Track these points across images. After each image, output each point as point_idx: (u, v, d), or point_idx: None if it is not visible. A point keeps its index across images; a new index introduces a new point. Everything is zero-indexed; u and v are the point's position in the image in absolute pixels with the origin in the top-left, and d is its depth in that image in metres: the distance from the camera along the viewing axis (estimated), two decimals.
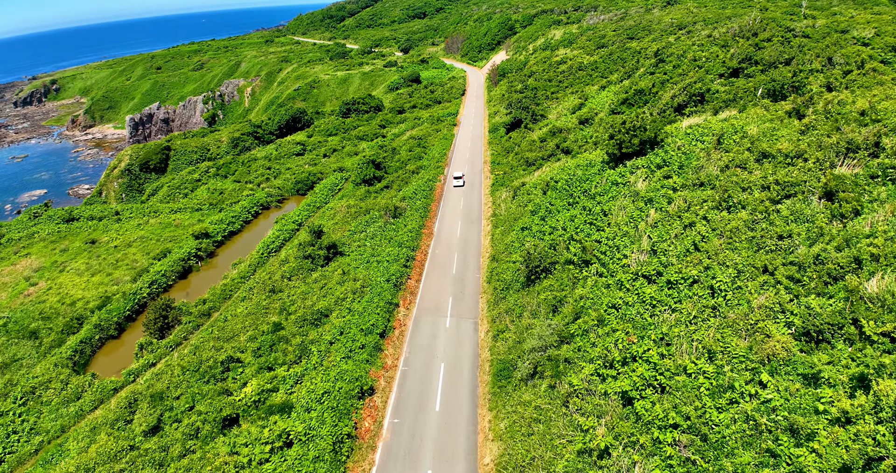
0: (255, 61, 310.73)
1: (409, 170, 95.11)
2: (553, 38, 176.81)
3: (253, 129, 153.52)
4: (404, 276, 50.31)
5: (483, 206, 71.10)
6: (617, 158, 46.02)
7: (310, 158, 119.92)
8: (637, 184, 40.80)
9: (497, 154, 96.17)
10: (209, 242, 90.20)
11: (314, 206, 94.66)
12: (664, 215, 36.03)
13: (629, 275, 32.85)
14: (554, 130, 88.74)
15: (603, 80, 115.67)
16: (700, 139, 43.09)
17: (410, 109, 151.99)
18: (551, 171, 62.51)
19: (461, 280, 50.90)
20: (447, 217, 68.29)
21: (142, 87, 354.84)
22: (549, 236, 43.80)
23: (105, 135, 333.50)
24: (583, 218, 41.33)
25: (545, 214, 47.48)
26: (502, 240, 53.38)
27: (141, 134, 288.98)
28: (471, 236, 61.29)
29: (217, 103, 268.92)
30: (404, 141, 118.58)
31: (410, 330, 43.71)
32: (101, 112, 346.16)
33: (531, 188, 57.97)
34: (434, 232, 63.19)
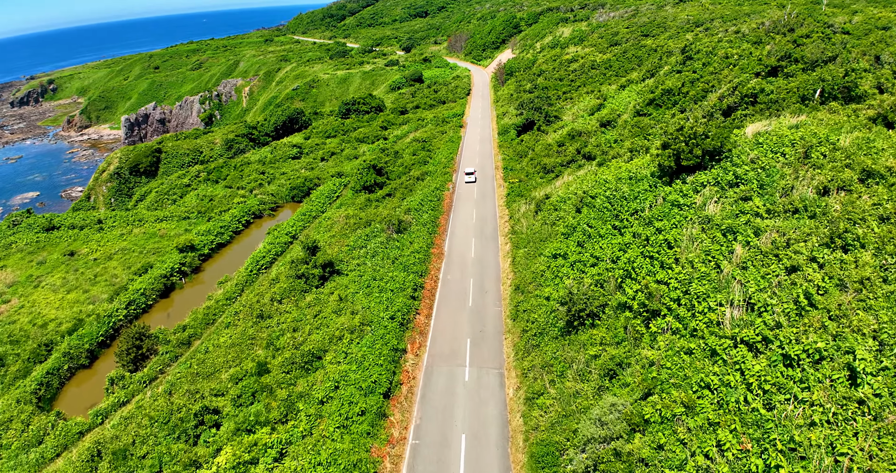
0: (254, 61, 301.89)
1: (413, 176, 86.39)
2: (561, 35, 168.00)
3: (248, 130, 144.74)
4: (412, 311, 41.62)
5: (498, 219, 62.36)
6: (672, 173, 37.31)
7: (306, 162, 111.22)
8: (707, 207, 32.06)
9: (509, 159, 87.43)
10: (194, 255, 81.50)
11: (310, 215, 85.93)
12: (754, 252, 27.35)
13: (722, 339, 24.12)
14: (573, 133, 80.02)
15: (621, 79, 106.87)
16: (776, 150, 34.38)
17: (413, 109, 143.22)
18: (579, 182, 53.79)
19: (479, 315, 42.22)
20: (458, 233, 59.55)
21: (139, 86, 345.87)
22: (592, 268, 35.16)
23: (101, 135, 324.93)
24: (638, 249, 32.65)
25: (583, 238, 38.79)
26: (527, 266, 44.70)
27: (137, 135, 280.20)
28: (487, 256, 52.59)
29: (214, 103, 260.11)
30: (407, 144, 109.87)
31: (421, 386, 35.04)
32: (97, 112, 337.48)
33: (558, 203, 49.24)
34: (444, 252, 54.47)
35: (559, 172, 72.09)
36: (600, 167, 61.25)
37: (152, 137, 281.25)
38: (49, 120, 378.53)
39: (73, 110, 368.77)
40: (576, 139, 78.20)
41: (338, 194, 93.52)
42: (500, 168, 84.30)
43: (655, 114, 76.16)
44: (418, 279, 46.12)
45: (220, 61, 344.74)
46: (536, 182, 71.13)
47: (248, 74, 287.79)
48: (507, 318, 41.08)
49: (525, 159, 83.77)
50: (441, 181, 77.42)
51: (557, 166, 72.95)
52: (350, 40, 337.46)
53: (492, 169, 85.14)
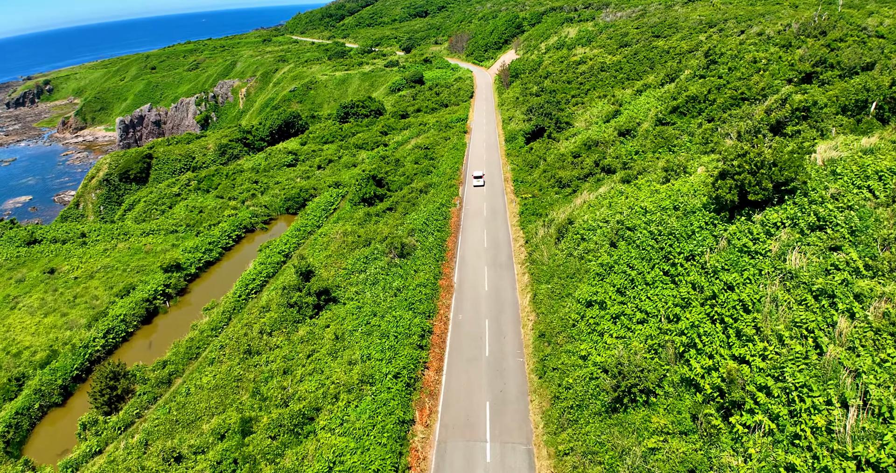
0: (251, 61, 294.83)
1: (416, 188, 79.82)
2: (567, 36, 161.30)
3: (242, 135, 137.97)
4: (419, 365, 35.08)
5: (512, 242, 55.74)
6: (733, 207, 30.77)
7: (302, 171, 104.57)
8: (788, 258, 25.52)
9: (519, 170, 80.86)
10: (180, 276, 74.96)
11: (304, 231, 79.35)
12: (862, 328, 20.83)
13: (839, 459, 17.60)
14: (588, 142, 73.45)
15: (636, 82, 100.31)
16: (859, 184, 27.87)
17: (415, 113, 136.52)
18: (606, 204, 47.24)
19: (499, 368, 35.71)
20: (469, 259, 52.92)
21: (135, 87, 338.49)
22: (640, 326, 28.69)
23: (96, 137, 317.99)
24: (702, 307, 26.16)
25: (624, 283, 32.25)
26: (553, 308, 38.18)
27: (131, 137, 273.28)
28: (503, 289, 46.06)
29: (210, 105, 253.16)
30: (409, 151, 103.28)
31: (434, 469, 28.49)
32: (92, 114, 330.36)
33: (586, 231, 42.66)
34: (454, 283, 47.91)
35: (576, 186, 65.54)
36: (626, 185, 54.75)
37: (147, 139, 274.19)
38: (44, 121, 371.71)
39: (69, 111, 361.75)
40: (592, 150, 71.63)
41: (335, 207, 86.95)
42: (509, 180, 77.71)
43: (680, 123, 69.66)
44: (426, 323, 39.54)
45: (217, 62, 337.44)
46: (552, 198, 64.58)
47: (245, 74, 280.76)
48: (532, 373, 34.57)
49: (537, 171, 77.24)
50: (447, 196, 70.84)
51: (574, 180, 66.41)
52: (349, 40, 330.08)
53: (501, 180, 78.53)
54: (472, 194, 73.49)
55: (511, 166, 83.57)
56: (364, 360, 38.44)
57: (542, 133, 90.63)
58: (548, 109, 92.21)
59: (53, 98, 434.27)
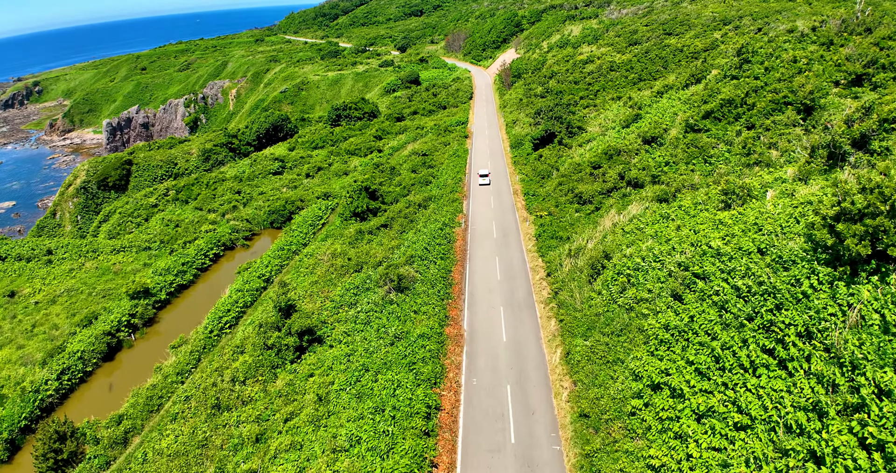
0: (243, 61, 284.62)
1: (413, 201, 70.62)
2: (570, 34, 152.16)
3: (227, 139, 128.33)
4: (425, 465, 25.89)
5: (530, 273, 46.50)
6: (851, 262, 21.71)
7: (289, 179, 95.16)
8: None
9: (529, 180, 71.78)
10: (148, 303, 65.62)
11: (288, 250, 70.03)
12: None
13: None
14: (609, 151, 64.37)
15: (653, 83, 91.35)
16: None
17: (411, 115, 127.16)
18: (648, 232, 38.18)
19: (530, 463, 26.63)
20: (480, 297, 43.64)
21: (124, 88, 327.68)
22: (741, 434, 19.61)
23: (84, 140, 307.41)
24: (843, 422, 17.14)
25: (705, 361, 23.00)
26: (595, 377, 29.10)
27: (119, 140, 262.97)
28: (525, 340, 36.85)
29: (200, 106, 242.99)
30: (405, 158, 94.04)
31: None
32: (80, 116, 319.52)
33: (631, 270, 33.53)
34: (463, 331, 38.66)
35: (599, 203, 56.45)
36: (663, 205, 45.71)
37: (135, 141, 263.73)
38: (33, 123, 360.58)
39: (58, 113, 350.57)
40: (614, 160, 62.55)
41: (323, 222, 77.62)
42: (519, 193, 68.53)
43: (714, 130, 60.60)
44: (432, 395, 30.26)
45: (208, 62, 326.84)
46: (571, 217, 55.48)
47: (236, 75, 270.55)
48: (574, 470, 25.52)
49: (550, 182, 68.16)
50: (449, 212, 61.62)
51: (596, 196, 57.32)
52: (343, 40, 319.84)
53: (509, 193, 69.32)
54: (479, 209, 64.29)
55: (520, 176, 74.46)
56: (353, 443, 29.22)
57: (553, 138, 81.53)
58: (558, 112, 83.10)
59: (43, 100, 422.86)
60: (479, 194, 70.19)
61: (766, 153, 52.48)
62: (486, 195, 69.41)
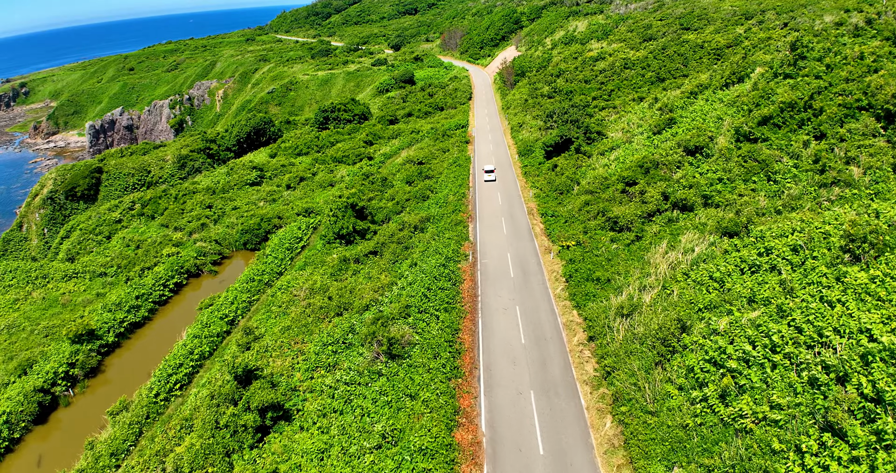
0: (231, 61, 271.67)
1: (408, 222, 58.76)
2: (575, 30, 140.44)
3: (205, 144, 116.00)
4: None
5: (564, 336, 34.53)
6: None
7: (268, 191, 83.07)
8: None
9: (546, 196, 60.05)
10: (91, 349, 53.53)
11: (260, 282, 58.06)
12: None
13: None
14: (645, 162, 52.60)
15: (679, 81, 79.82)
16: None
17: (405, 117, 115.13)
18: (740, 291, 26.67)
19: None
20: (500, 375, 31.45)
21: (110, 89, 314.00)
22: None
23: (68, 143, 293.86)
24: None
25: None
26: None
27: (102, 143, 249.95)
28: (572, 459, 24.99)
29: (185, 108, 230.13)
30: (399, 166, 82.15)
31: None
32: (65, 118, 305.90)
33: (733, 359, 21.90)
34: (481, 439, 26.64)
35: (640, 231, 44.73)
36: (734, 240, 34.16)
37: (119, 145, 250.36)
38: (18, 126, 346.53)
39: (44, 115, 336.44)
40: (652, 174, 50.78)
41: (304, 244, 65.62)
42: (535, 213, 56.67)
43: (774, 139, 48.96)
44: None
45: (197, 62, 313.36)
46: (608, 249, 43.73)
47: (224, 75, 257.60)
48: None
49: (571, 200, 56.38)
50: (453, 241, 49.74)
51: (635, 220, 45.59)
52: (335, 39, 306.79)
53: (523, 212, 57.41)
54: (489, 236, 52.28)
55: (533, 191, 62.68)
56: None
57: (568, 145, 69.79)
58: (573, 114, 71.34)
59: (30, 101, 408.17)
60: (487, 215, 58.25)
61: (845, 170, 41.02)
62: (496, 216, 57.50)
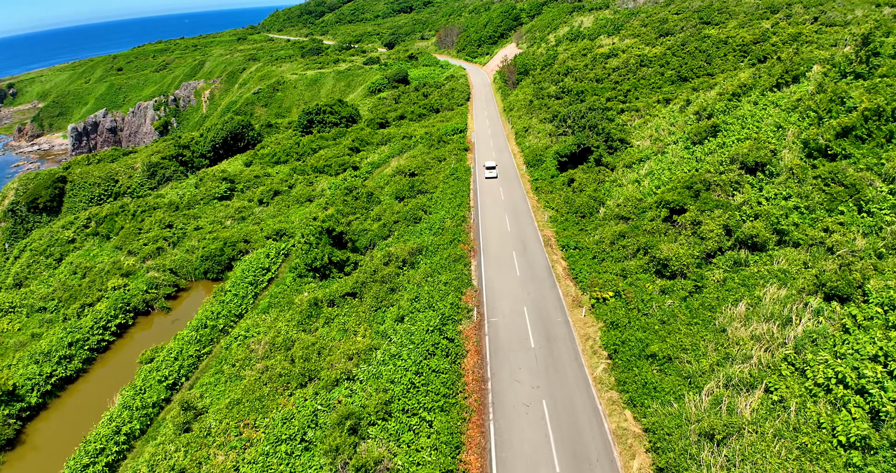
0: (220, 60, 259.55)
1: (396, 254, 47.45)
2: (581, 26, 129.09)
3: (178, 151, 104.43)
4: None
5: (616, 456, 23.43)
6: None
7: (238, 207, 71.63)
8: None
9: (564, 222, 48.77)
10: (9, 414, 42.14)
11: (214, 329, 46.68)
12: None
13: None
14: (692, 184, 41.32)
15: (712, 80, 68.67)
16: None
17: (397, 120, 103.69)
18: None
19: None
20: None
21: (96, 90, 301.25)
22: None
23: (52, 146, 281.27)
24: None
25: None
26: None
27: (85, 146, 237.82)
28: None
29: (171, 109, 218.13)
30: (388, 178, 70.81)
31: None
32: (50, 120, 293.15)
33: None
34: None
35: (700, 279, 33.51)
36: (848, 306, 22.93)
37: (103, 147, 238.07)
38: (3, 128, 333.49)
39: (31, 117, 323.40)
40: (704, 198, 39.54)
41: (272, 276, 54.26)
42: (553, 244, 45.32)
43: (859, 156, 37.73)
44: None
45: (186, 62, 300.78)
46: (660, 305, 32.52)
47: (212, 74, 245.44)
48: None
49: (596, 225, 45.10)
50: (452, 288, 38.36)
51: (691, 263, 34.30)
52: (328, 38, 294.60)
53: (539, 245, 45.93)
54: (498, 282, 40.51)
55: (548, 213, 51.38)
56: None
57: (587, 155, 58.54)
58: (591, 118, 60.05)
59: (18, 102, 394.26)
60: (494, 245, 46.85)
61: None
62: (505, 246, 46.10)
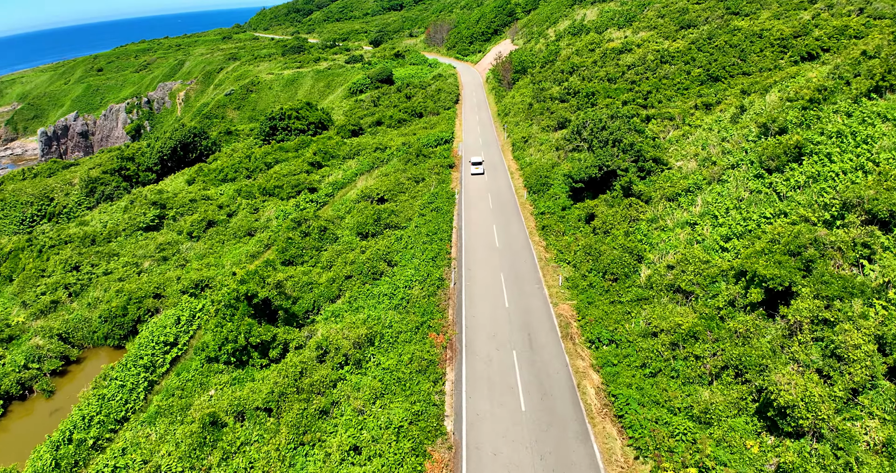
0: (200, 59, 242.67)
1: (340, 347, 31.59)
2: (584, 19, 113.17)
3: (121, 163, 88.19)
4: None
5: None
6: None
7: (162, 243, 55.49)
8: None
9: (586, 289, 32.94)
10: None
11: (83, 446, 30.81)
12: None
13: None
14: (801, 248, 25.41)
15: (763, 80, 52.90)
16: None
17: (373, 126, 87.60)
18: None
19: None
20: None
21: (73, 92, 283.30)
22: None
23: (26, 150, 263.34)
24: None
25: None
26: None
27: (55, 151, 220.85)
28: None
29: (144, 112, 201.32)
30: (350, 205, 54.77)
31: None
32: (24, 123, 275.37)
33: None
34: None
35: (848, 440, 17.12)
36: None
37: (74, 152, 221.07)
38: None
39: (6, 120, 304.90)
40: (818, 274, 23.59)
41: (176, 355, 38.37)
42: (575, 334, 29.26)
43: None
44: None
45: (168, 62, 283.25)
46: None
47: (191, 75, 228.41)
48: None
49: (635, 296, 29.25)
50: (406, 451, 22.49)
51: (830, 416, 18.15)
52: (313, 36, 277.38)
53: (552, 331, 29.93)
54: (490, 422, 24.50)
55: (563, 271, 35.43)
56: None
57: (610, 181, 42.73)
58: (615, 131, 44.27)
59: None
60: (483, 337, 30.59)
61: None
62: (500, 339, 29.77)
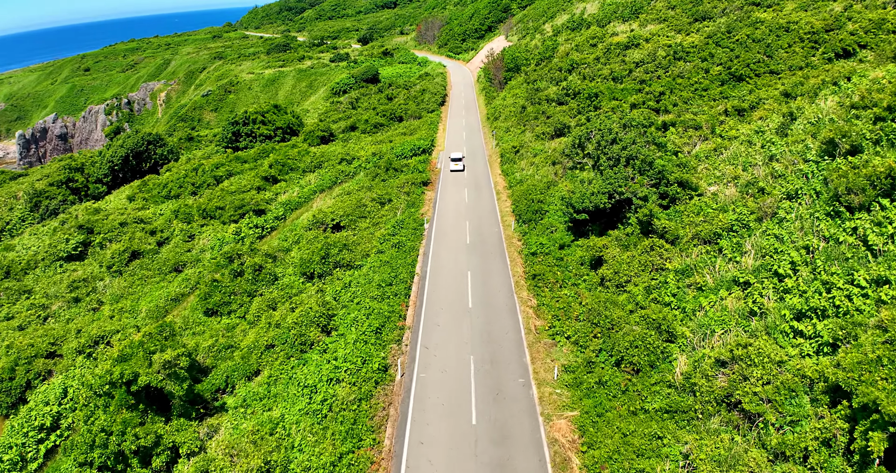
0: (185, 58, 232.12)
1: (260, 449, 21.37)
2: (584, 12, 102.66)
3: (68, 174, 77.90)
4: None
5: None
6: None
7: (76, 281, 45.13)
8: None
9: (593, 387, 22.67)
10: None
11: None
12: None
13: None
14: None
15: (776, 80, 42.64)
16: None
17: (346, 132, 77.11)
18: None
19: None
20: None
21: (57, 92, 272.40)
22: None
23: (7, 153, 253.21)
24: None
25: None
26: None
27: (34, 154, 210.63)
28: None
29: (124, 114, 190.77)
30: (300, 233, 44.32)
31: None
32: (7, 124, 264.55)
33: None
34: None
35: None
36: None
37: (52, 156, 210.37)
38: None
39: None
40: None
41: (51, 446, 28.17)
42: (575, 466, 19.12)
43: None
44: None
45: (156, 61, 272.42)
46: None
47: (176, 74, 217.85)
48: None
49: (668, 405, 18.67)
50: None
51: None
52: (303, 34, 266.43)
53: (535, 459, 20.06)
54: None
55: (562, 354, 25.01)
56: None
57: (623, 209, 32.38)
58: (629, 144, 33.86)
59: None
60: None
61: None
62: None
